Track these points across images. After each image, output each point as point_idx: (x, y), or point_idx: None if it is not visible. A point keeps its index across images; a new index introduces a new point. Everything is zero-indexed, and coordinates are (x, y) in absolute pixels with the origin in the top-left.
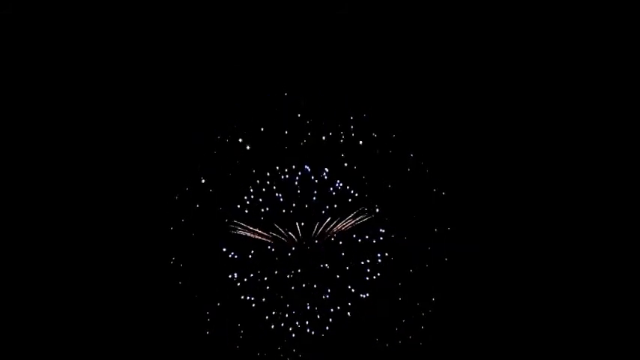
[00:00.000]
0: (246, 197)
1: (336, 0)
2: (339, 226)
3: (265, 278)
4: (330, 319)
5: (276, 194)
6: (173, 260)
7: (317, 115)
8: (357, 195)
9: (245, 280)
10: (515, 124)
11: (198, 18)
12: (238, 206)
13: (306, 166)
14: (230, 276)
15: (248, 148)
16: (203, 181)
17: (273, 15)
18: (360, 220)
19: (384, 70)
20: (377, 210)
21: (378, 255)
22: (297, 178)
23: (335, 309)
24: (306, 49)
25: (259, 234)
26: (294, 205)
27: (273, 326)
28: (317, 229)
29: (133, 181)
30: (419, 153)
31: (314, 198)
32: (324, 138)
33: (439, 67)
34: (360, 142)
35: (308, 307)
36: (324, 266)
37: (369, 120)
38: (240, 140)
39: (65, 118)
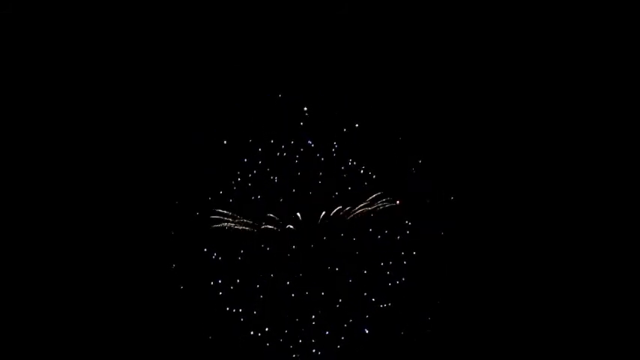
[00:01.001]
0: (233, 181)
1: (336, 0)
2: (351, 215)
3: (257, 285)
4: (342, 337)
5: (271, 176)
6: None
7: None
8: (374, 177)
9: (231, 287)
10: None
11: (197, 18)
12: (221, 192)
13: (309, 141)
14: (212, 282)
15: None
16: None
17: (273, 15)
18: (377, 207)
19: (385, 70)
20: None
21: (403, 253)
22: (297, 155)
23: (348, 323)
24: (306, 50)
25: (249, 226)
26: (293, 190)
27: (268, 344)
28: (323, 219)
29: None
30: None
31: (319, 180)
32: (331, 108)
33: (440, 67)
34: (377, 112)
35: (313, 321)
36: (332, 268)
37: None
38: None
39: (64, 118)
